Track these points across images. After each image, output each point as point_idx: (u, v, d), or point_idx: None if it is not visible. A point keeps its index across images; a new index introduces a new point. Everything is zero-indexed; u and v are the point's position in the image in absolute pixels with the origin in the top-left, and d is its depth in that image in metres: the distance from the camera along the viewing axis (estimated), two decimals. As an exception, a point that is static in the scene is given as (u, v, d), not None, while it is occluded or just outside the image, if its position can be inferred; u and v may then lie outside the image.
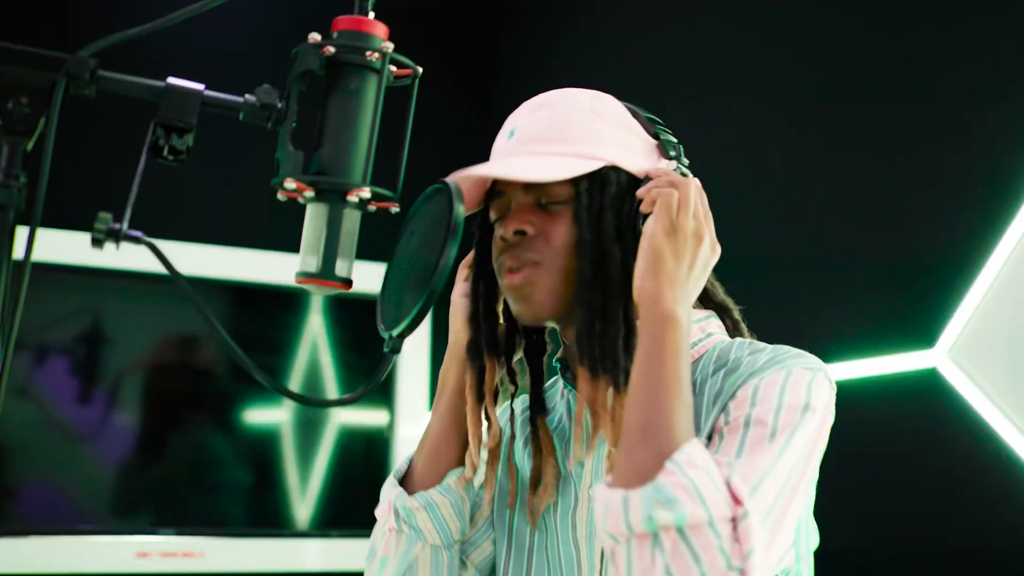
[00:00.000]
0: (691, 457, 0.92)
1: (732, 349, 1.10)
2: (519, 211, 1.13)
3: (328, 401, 1.46)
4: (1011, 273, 1.74)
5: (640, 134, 1.15)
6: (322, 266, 0.93)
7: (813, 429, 1.00)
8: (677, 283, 1.02)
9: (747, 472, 0.94)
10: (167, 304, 2.86)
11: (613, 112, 1.15)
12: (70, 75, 0.89)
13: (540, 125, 1.14)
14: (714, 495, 0.90)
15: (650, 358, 0.99)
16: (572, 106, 1.14)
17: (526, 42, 3.36)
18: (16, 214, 0.87)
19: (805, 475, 1.00)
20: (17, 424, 2.67)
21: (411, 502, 1.18)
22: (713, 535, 0.89)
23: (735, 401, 1.02)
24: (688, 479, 0.90)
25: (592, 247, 1.09)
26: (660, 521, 0.89)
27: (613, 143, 1.12)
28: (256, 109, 0.94)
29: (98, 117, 2.48)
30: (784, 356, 1.05)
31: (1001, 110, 1.81)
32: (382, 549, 1.20)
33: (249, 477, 3.01)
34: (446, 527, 1.18)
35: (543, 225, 1.12)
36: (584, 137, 1.12)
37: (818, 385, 1.03)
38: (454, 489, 1.18)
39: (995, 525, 1.75)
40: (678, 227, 1.04)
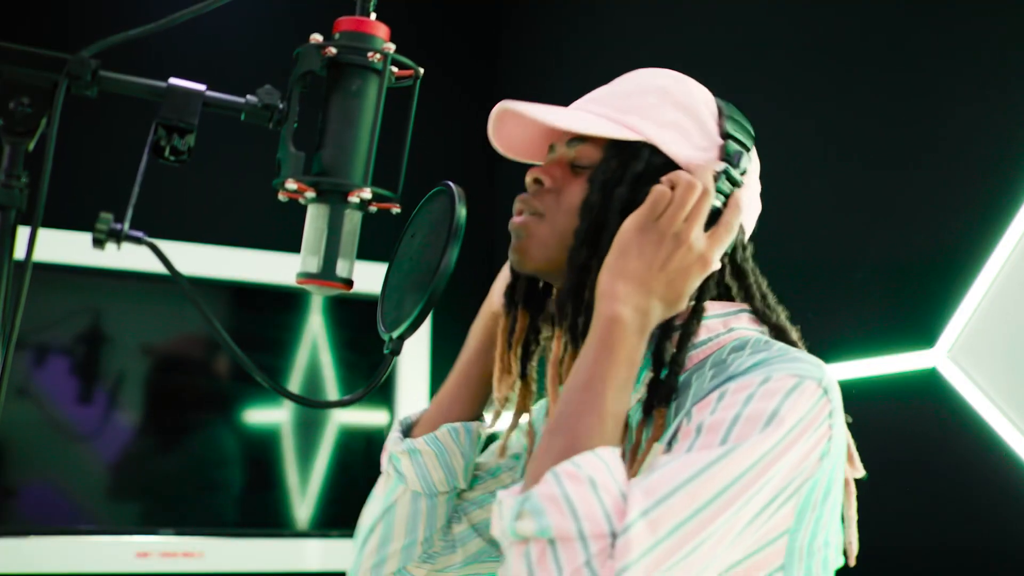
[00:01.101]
0: (577, 467, 0.89)
1: (745, 347, 1.03)
2: (549, 163, 1.11)
3: (328, 403, 1.46)
4: (1011, 273, 1.74)
5: (707, 127, 1.09)
6: (323, 266, 0.93)
7: (775, 442, 0.92)
8: (634, 283, 0.98)
9: (655, 485, 0.88)
10: (167, 304, 2.86)
11: (687, 97, 1.10)
12: (72, 75, 0.89)
13: (609, 90, 1.13)
14: (591, 509, 0.87)
15: (583, 359, 0.97)
16: (646, 81, 1.12)
17: (527, 43, 3.36)
18: (17, 214, 0.87)
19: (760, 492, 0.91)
20: (17, 424, 2.67)
21: (397, 447, 1.20)
22: (581, 549, 0.86)
23: (700, 403, 0.96)
24: (562, 491, 0.88)
25: (595, 211, 1.05)
26: (521, 530, 0.88)
27: (668, 126, 1.07)
28: (258, 110, 0.94)
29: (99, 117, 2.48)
30: (776, 359, 0.98)
31: (1001, 110, 1.81)
32: (376, 490, 1.23)
33: (249, 477, 3.01)
34: (428, 476, 1.18)
35: (563, 182, 1.09)
36: (639, 110, 1.08)
37: (800, 394, 0.95)
38: (441, 440, 1.19)
39: (995, 525, 1.75)
40: (654, 228, 0.99)
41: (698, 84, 1.15)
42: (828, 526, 1.00)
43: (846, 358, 1.98)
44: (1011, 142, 1.77)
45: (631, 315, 0.97)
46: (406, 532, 1.19)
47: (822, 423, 0.97)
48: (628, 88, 1.12)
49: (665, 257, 0.99)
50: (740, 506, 0.91)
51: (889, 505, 1.93)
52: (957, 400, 1.79)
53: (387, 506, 1.20)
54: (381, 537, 1.19)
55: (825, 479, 0.98)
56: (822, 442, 0.97)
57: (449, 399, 1.22)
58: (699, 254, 1.01)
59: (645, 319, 0.98)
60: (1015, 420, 1.71)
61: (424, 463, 1.18)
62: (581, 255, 1.05)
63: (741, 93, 1.22)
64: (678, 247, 0.99)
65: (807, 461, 0.95)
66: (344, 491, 3.02)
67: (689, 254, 1.00)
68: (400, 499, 1.19)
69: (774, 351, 1.00)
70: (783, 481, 0.94)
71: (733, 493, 0.90)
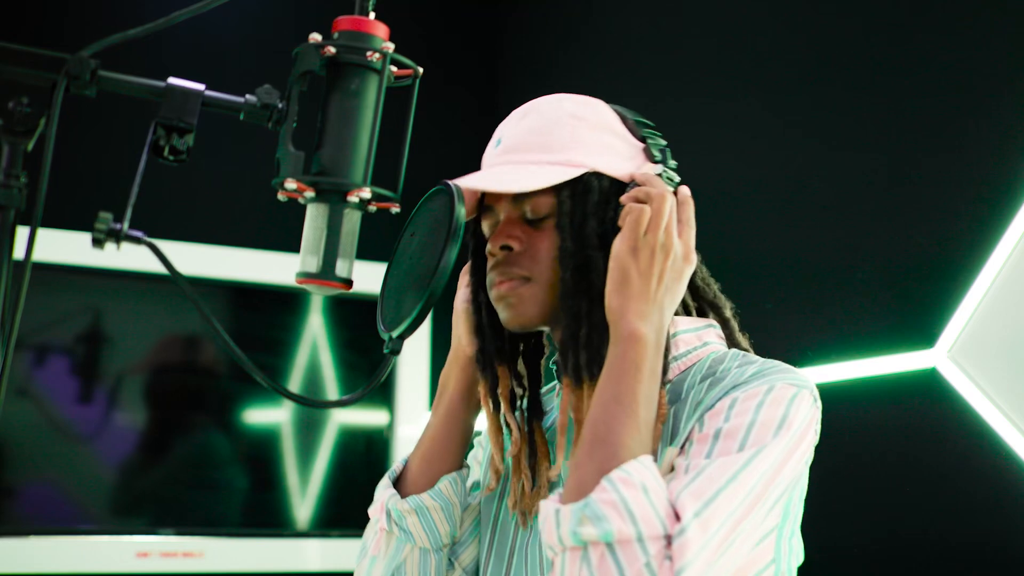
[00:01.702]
0: (629, 475, 0.93)
1: (724, 360, 1.09)
2: (505, 225, 1.13)
3: (328, 402, 1.46)
4: (1011, 273, 1.74)
5: (626, 138, 1.14)
6: (322, 266, 0.93)
7: (785, 446, 1.00)
8: (643, 300, 1.03)
9: (701, 488, 0.94)
10: (167, 304, 2.86)
11: (598, 116, 1.14)
12: (71, 75, 0.89)
13: (523, 134, 1.14)
14: (646, 512, 0.91)
15: (609, 374, 1.01)
16: (556, 113, 1.14)
17: (526, 42, 3.36)
18: (17, 214, 0.87)
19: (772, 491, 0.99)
20: (17, 424, 2.67)
21: (403, 505, 1.19)
22: (641, 552, 0.90)
23: (712, 411, 1.02)
24: (620, 496, 0.92)
25: (575, 255, 1.09)
26: (585, 536, 0.92)
27: (596, 148, 1.11)
28: (257, 109, 0.94)
29: (99, 117, 2.48)
30: (771, 370, 1.05)
31: (1001, 111, 1.81)
32: (372, 548, 1.22)
33: (249, 477, 3.01)
34: (436, 531, 1.19)
35: (529, 239, 1.12)
36: (566, 144, 1.11)
37: (800, 402, 1.02)
38: (445, 494, 1.19)
39: (995, 525, 1.75)
40: (644, 244, 1.04)
41: (594, 99, 1.18)
42: (798, 523, 1.09)
43: (846, 358, 1.98)
44: (1011, 142, 1.77)
45: (649, 332, 1.02)
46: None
47: (812, 429, 1.05)
48: (538, 125, 1.14)
49: (660, 269, 1.04)
50: (762, 504, 0.98)
51: (889, 505, 1.93)
52: (957, 400, 1.79)
53: (395, 566, 1.19)
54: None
55: (804, 480, 1.07)
56: (812, 446, 1.05)
57: (439, 449, 1.22)
58: (684, 255, 1.07)
59: (659, 332, 1.03)
60: (1015, 420, 1.71)
61: (432, 518, 1.19)
62: (576, 302, 1.09)
63: (741, 93, 1.22)
64: (667, 256, 1.05)
65: (802, 463, 1.04)
66: (344, 491, 3.02)
67: (676, 260, 1.06)
68: (408, 558, 1.19)
69: (763, 363, 1.07)
70: (789, 482, 1.01)
71: (758, 492, 0.97)
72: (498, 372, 1.18)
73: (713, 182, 2.27)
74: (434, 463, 1.21)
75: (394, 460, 3.06)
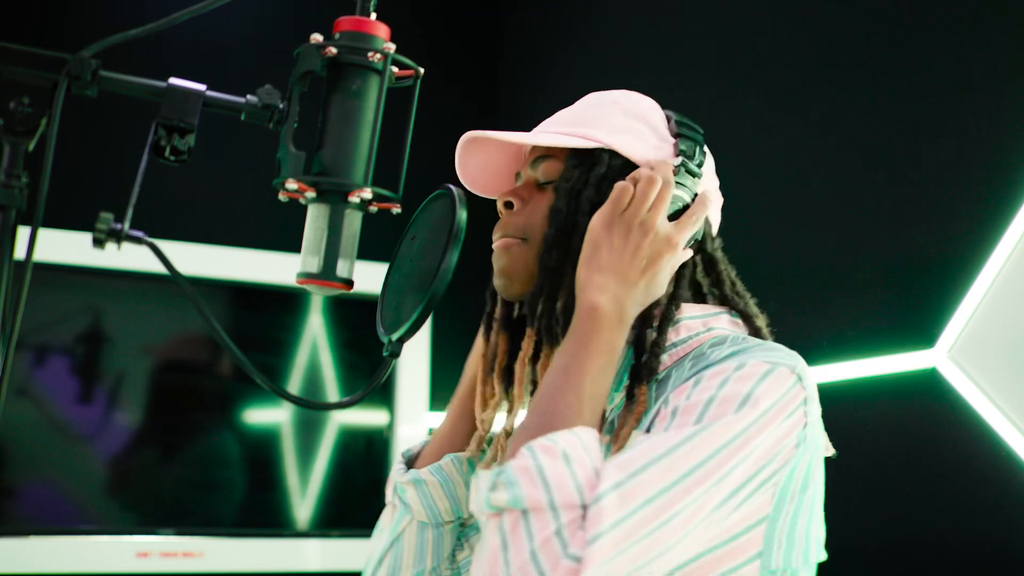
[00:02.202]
0: (554, 443, 0.91)
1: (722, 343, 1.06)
2: (518, 187, 1.16)
3: (327, 404, 1.46)
4: (1011, 273, 1.74)
5: (658, 130, 1.14)
6: (323, 267, 0.93)
7: (750, 423, 0.94)
8: (608, 273, 1.02)
9: (629, 460, 0.91)
10: (167, 304, 2.86)
11: (636, 106, 1.15)
12: (72, 75, 0.89)
13: (565, 112, 1.17)
14: (563, 480, 0.89)
15: (563, 346, 1.01)
16: (598, 97, 1.17)
17: (526, 42, 3.36)
18: (17, 214, 0.87)
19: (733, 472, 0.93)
20: (17, 424, 2.67)
21: (403, 477, 1.21)
22: (552, 519, 0.88)
23: (677, 389, 1.00)
24: (536, 463, 0.90)
25: (564, 216, 1.09)
26: (495, 501, 0.91)
27: (622, 132, 1.12)
28: (258, 110, 0.94)
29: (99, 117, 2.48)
30: (752, 348, 1.02)
31: (1001, 110, 1.81)
32: (382, 522, 1.25)
33: (249, 477, 3.01)
34: (434, 506, 1.20)
35: (531, 199, 1.14)
36: (593, 122, 1.13)
37: (774, 379, 0.97)
38: (446, 470, 1.20)
39: (995, 525, 1.75)
40: (620, 221, 1.04)
41: (647, 98, 1.19)
42: (808, 518, 1.02)
43: (846, 358, 1.98)
44: (1011, 142, 1.77)
45: (608, 303, 1.01)
46: (414, 562, 1.20)
47: (796, 409, 0.99)
48: (580, 107, 1.17)
49: (635, 246, 1.03)
50: (713, 483, 0.92)
51: (889, 505, 1.93)
52: (957, 400, 1.79)
53: (394, 537, 1.21)
54: (390, 569, 1.21)
55: (803, 469, 1.00)
56: (797, 428, 0.99)
57: (451, 431, 1.24)
58: (665, 237, 1.05)
59: (622, 307, 1.02)
60: (1015, 420, 1.71)
61: (430, 493, 1.20)
62: (552, 257, 1.09)
63: (741, 94, 1.23)
64: (645, 235, 1.04)
65: (782, 445, 0.97)
66: (344, 491, 3.02)
67: (656, 239, 1.05)
68: (407, 529, 1.21)
69: (750, 343, 1.04)
70: (757, 463, 0.95)
71: (706, 470, 0.92)
72: (499, 339, 1.19)
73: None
74: (446, 443, 1.23)
75: (394, 460, 3.06)
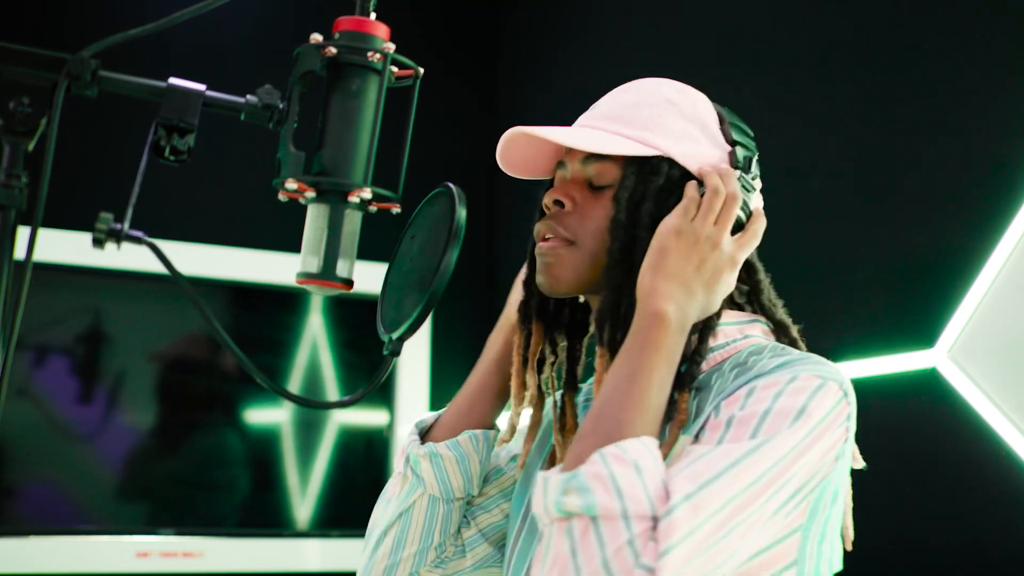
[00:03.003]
0: (624, 452, 0.91)
1: (760, 352, 1.06)
2: (567, 183, 1.13)
3: (328, 403, 1.45)
4: (1011, 273, 1.74)
5: (715, 136, 1.12)
6: (323, 267, 0.93)
7: (802, 437, 0.96)
8: (675, 281, 1.01)
9: (698, 471, 0.92)
10: (167, 304, 2.86)
11: (693, 107, 1.13)
12: (72, 75, 0.89)
13: (616, 105, 1.14)
14: (635, 490, 0.89)
15: (627, 351, 1.00)
16: (653, 94, 1.14)
17: (526, 42, 3.36)
18: (17, 214, 0.87)
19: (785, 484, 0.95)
20: (17, 424, 2.67)
21: (419, 450, 1.19)
22: (624, 528, 0.88)
23: (729, 399, 1.00)
24: (609, 471, 0.90)
25: (625, 229, 1.07)
26: (567, 506, 0.90)
27: (679, 137, 1.10)
28: (258, 110, 0.94)
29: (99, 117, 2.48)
30: (800, 361, 1.02)
31: (1001, 110, 1.81)
32: (389, 491, 1.23)
33: (249, 477, 3.01)
34: (447, 481, 1.19)
35: (584, 202, 1.11)
36: (651, 124, 1.11)
37: (825, 393, 0.99)
38: (463, 447, 1.19)
39: (995, 525, 1.75)
40: (689, 229, 1.03)
41: (698, 92, 1.18)
42: (835, 528, 1.05)
43: (846, 358, 1.98)
44: (1011, 142, 1.77)
45: (674, 312, 1.01)
46: (421, 537, 1.19)
47: (841, 424, 1.01)
48: (634, 100, 1.14)
49: (701, 258, 1.03)
50: (770, 495, 0.95)
51: (889, 505, 1.93)
52: (957, 400, 1.79)
53: (403, 509, 1.20)
54: (395, 540, 1.19)
55: (835, 481, 1.03)
56: (839, 443, 1.01)
57: (468, 405, 1.22)
58: (729, 256, 1.05)
59: (685, 317, 1.02)
60: (1015, 420, 1.71)
61: (445, 468, 1.19)
62: (618, 274, 1.07)
63: (741, 94, 1.23)
64: (712, 249, 1.04)
65: (825, 459, 1.00)
66: (344, 491, 3.02)
67: (721, 256, 1.04)
68: (417, 502, 1.20)
69: (795, 355, 1.04)
70: (806, 476, 0.98)
71: (765, 482, 0.94)
72: (533, 329, 1.18)
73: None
74: (462, 418, 1.21)
75: (394, 461, 3.06)
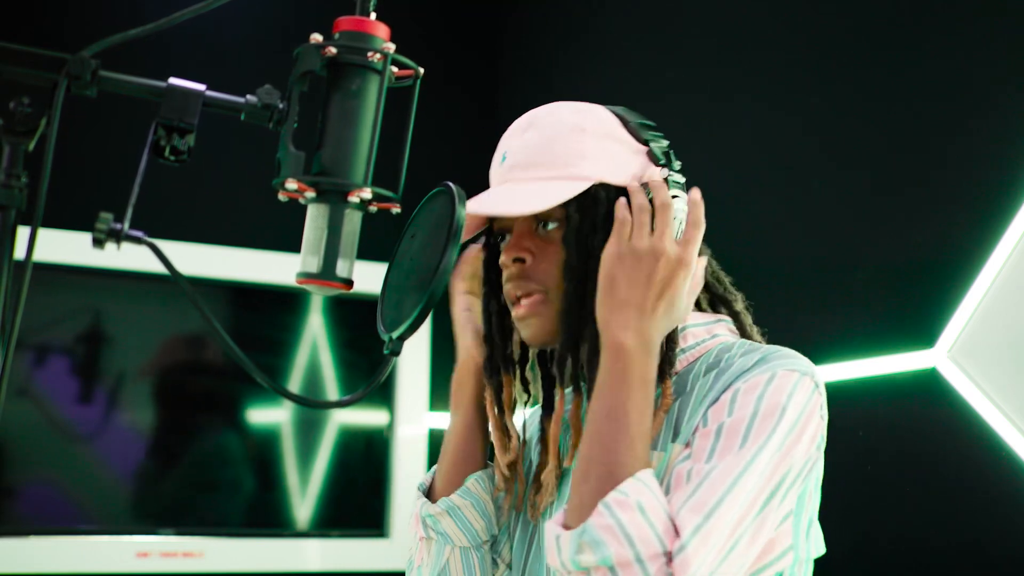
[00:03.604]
0: (626, 496, 0.95)
1: (731, 349, 1.10)
2: (518, 237, 1.14)
3: (328, 403, 1.46)
4: (1011, 273, 1.74)
5: (628, 143, 1.13)
6: (323, 267, 0.93)
7: (785, 436, 1.00)
8: (628, 308, 1.03)
9: (700, 502, 0.96)
10: (167, 304, 2.86)
11: (599, 124, 1.14)
12: (72, 75, 0.89)
13: (527, 149, 1.14)
14: (645, 533, 0.94)
15: (600, 389, 1.02)
16: (556, 125, 1.14)
17: (526, 42, 3.36)
18: (17, 214, 0.87)
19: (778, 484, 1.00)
20: (17, 424, 2.67)
21: (434, 509, 1.20)
22: (641, 572, 0.93)
23: (715, 405, 1.03)
24: (616, 520, 0.94)
25: (578, 269, 1.09)
26: (584, 563, 0.95)
27: (599, 158, 1.11)
28: (258, 109, 0.94)
29: (99, 117, 2.48)
30: (773, 357, 1.05)
31: (1001, 110, 1.81)
32: (417, 558, 1.24)
33: (249, 477, 3.01)
34: (471, 528, 1.20)
35: (540, 251, 1.13)
36: (569, 158, 1.11)
37: (801, 389, 1.03)
38: (473, 491, 1.21)
39: (995, 525, 1.75)
40: (631, 249, 1.04)
41: (592, 105, 1.18)
42: (815, 508, 1.10)
43: (846, 358, 1.98)
44: (1011, 142, 1.77)
45: (633, 339, 1.02)
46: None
47: (817, 414, 1.05)
48: (540, 140, 1.14)
49: (647, 275, 1.04)
50: (768, 497, 1.00)
51: (889, 505, 1.93)
52: (957, 400, 1.79)
53: (439, 570, 1.21)
54: None
55: (818, 468, 1.08)
56: (819, 432, 1.06)
57: (462, 455, 1.23)
58: (677, 258, 1.05)
59: (648, 339, 1.03)
60: (1015, 420, 1.71)
61: (465, 516, 1.20)
62: (576, 314, 1.09)
63: (740, 94, 1.23)
64: (656, 260, 1.04)
65: (810, 450, 1.04)
66: (344, 491, 3.02)
67: (669, 262, 1.04)
68: (451, 559, 1.21)
69: (765, 350, 1.08)
70: (796, 468, 1.02)
71: (762, 488, 0.99)
72: (503, 380, 1.20)
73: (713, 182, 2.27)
74: (460, 467, 1.23)
75: (394, 460, 3.06)
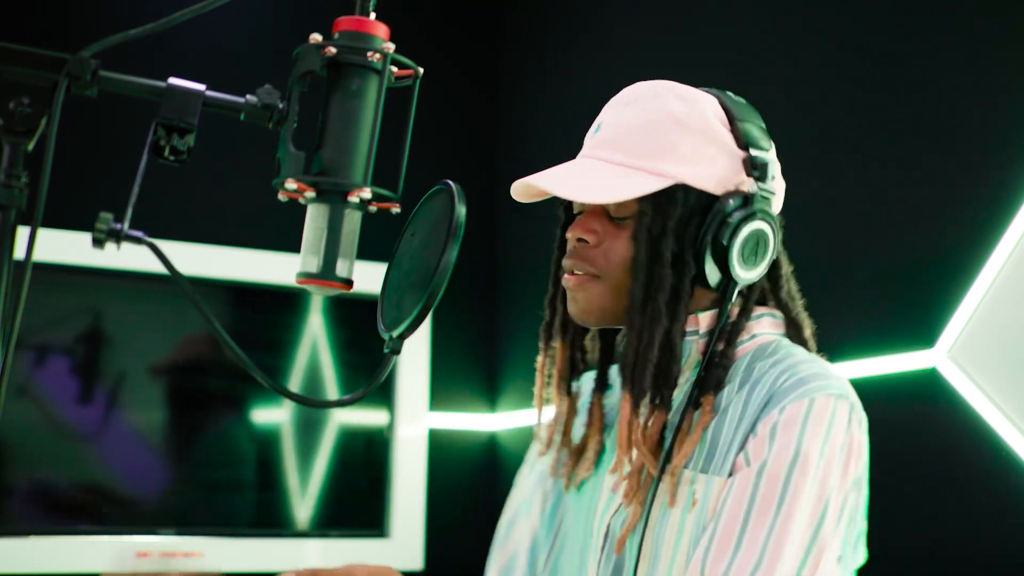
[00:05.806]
0: None
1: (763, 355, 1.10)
2: (587, 217, 1.15)
3: (328, 402, 1.46)
4: (1011, 273, 1.74)
5: (726, 145, 1.12)
6: (323, 266, 0.93)
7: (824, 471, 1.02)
8: None
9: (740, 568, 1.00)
10: (167, 304, 2.86)
11: (701, 120, 1.12)
12: (72, 75, 0.89)
13: (620, 128, 1.14)
14: None
15: None
16: (657, 112, 1.13)
17: (527, 42, 3.35)
18: (17, 214, 0.87)
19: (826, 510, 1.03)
20: (17, 424, 2.67)
21: None
22: None
23: (755, 442, 1.04)
24: None
25: (646, 269, 1.09)
26: None
27: (689, 158, 1.10)
28: (257, 109, 0.94)
29: (99, 117, 2.48)
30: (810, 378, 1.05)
31: (1001, 110, 1.81)
32: None
33: (249, 477, 3.00)
34: None
35: (606, 236, 1.13)
36: (658, 151, 1.10)
37: (839, 418, 1.04)
38: None
39: (995, 526, 1.75)
40: None
41: (702, 94, 1.16)
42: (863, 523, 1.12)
43: (846, 358, 1.98)
44: (1011, 142, 1.77)
45: None
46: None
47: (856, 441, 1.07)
48: (638, 123, 1.13)
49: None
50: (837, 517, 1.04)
51: (889, 505, 1.93)
52: (957, 400, 1.79)
53: None
54: None
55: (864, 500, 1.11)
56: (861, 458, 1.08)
57: None
58: None
59: None
60: (1015, 420, 1.71)
61: None
62: (642, 316, 1.09)
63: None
64: None
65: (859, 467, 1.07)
66: (344, 491, 3.02)
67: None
68: None
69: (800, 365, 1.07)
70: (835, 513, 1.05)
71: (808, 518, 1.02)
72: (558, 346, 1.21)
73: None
74: None
75: (394, 460, 3.05)
